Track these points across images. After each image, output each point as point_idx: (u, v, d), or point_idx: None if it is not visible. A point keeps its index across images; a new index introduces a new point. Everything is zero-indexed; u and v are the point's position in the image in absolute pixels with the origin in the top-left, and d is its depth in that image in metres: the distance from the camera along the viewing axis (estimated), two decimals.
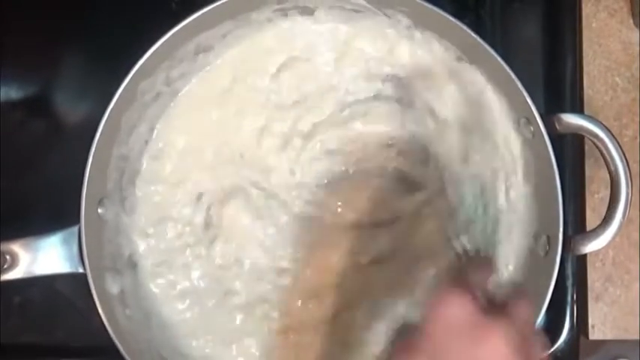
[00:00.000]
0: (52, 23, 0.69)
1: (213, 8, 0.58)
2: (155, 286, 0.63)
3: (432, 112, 0.63)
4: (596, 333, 0.67)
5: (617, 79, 0.68)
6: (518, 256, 0.61)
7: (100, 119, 0.57)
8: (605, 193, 0.65)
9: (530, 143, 0.59)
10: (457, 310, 0.46)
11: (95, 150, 0.56)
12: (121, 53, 0.59)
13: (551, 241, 0.57)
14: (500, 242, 0.62)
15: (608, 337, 0.67)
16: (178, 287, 0.64)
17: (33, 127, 0.70)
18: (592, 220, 0.66)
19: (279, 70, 0.65)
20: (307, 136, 0.65)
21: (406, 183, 0.65)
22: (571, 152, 0.65)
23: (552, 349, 0.64)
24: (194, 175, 0.65)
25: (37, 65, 0.69)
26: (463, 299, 0.46)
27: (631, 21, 0.69)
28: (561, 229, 0.56)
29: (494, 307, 0.48)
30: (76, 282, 0.57)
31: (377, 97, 0.65)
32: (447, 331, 0.46)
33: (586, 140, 0.66)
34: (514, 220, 0.61)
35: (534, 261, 0.60)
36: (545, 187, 0.58)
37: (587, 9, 0.69)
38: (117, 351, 0.56)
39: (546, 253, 0.58)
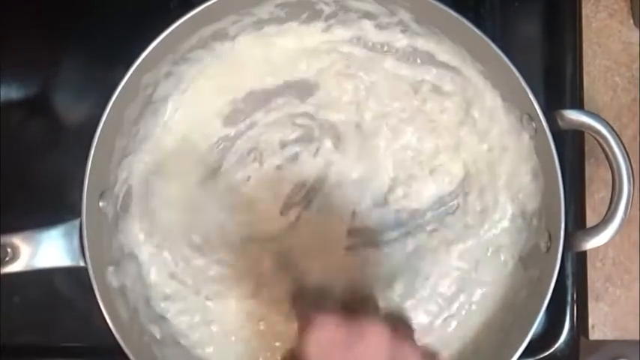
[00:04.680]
0: (51, 23, 0.70)
1: (219, 1, 0.58)
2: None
3: None
4: (596, 333, 0.67)
5: (617, 79, 0.68)
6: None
7: (100, 117, 0.57)
8: (605, 193, 0.65)
9: (533, 140, 0.59)
10: (328, 331, 0.48)
11: (97, 143, 0.56)
12: (121, 53, 0.60)
13: (552, 237, 0.57)
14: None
15: (608, 337, 0.67)
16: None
17: (33, 126, 0.70)
18: (592, 219, 0.66)
19: None
20: None
21: None
22: (571, 149, 0.65)
23: (552, 349, 0.64)
24: None
25: (37, 65, 0.69)
26: (331, 320, 0.48)
27: (631, 21, 0.69)
28: (563, 225, 0.56)
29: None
30: (76, 280, 0.58)
31: None
32: (323, 348, 0.48)
33: (586, 140, 0.66)
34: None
35: (536, 257, 0.60)
36: (546, 183, 0.58)
37: (587, 9, 0.69)
38: (117, 351, 0.56)
39: (548, 249, 0.58)
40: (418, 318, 0.63)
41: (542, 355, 0.64)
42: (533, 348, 0.61)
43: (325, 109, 0.65)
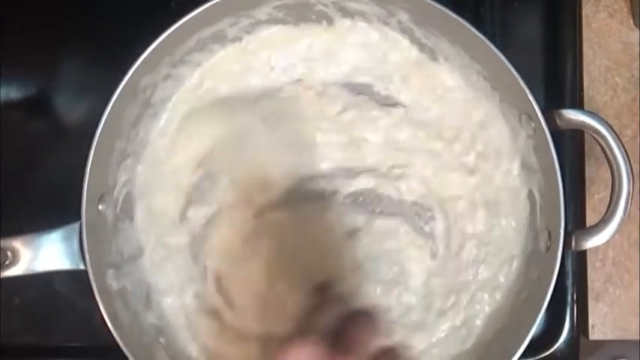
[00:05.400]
0: (52, 23, 0.70)
1: (216, 3, 0.58)
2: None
3: None
4: (596, 333, 0.67)
5: (617, 79, 0.68)
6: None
7: (100, 118, 0.57)
8: (605, 194, 0.65)
9: (532, 139, 0.59)
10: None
11: (96, 146, 0.56)
12: (121, 53, 0.60)
13: (552, 237, 0.57)
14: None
15: (608, 337, 0.67)
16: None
17: (33, 127, 0.70)
18: (592, 220, 0.66)
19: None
20: None
21: None
22: (571, 149, 0.65)
23: (552, 349, 0.64)
24: None
25: (37, 65, 0.69)
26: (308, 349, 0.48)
27: (631, 21, 0.69)
28: (562, 224, 0.56)
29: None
30: (76, 281, 0.57)
31: None
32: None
33: (586, 139, 0.66)
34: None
35: (535, 257, 0.60)
36: (546, 183, 0.58)
37: (587, 9, 0.69)
38: (117, 351, 0.56)
39: (547, 248, 0.58)
40: (417, 319, 0.63)
41: (542, 355, 0.64)
42: (533, 348, 0.61)
43: None
